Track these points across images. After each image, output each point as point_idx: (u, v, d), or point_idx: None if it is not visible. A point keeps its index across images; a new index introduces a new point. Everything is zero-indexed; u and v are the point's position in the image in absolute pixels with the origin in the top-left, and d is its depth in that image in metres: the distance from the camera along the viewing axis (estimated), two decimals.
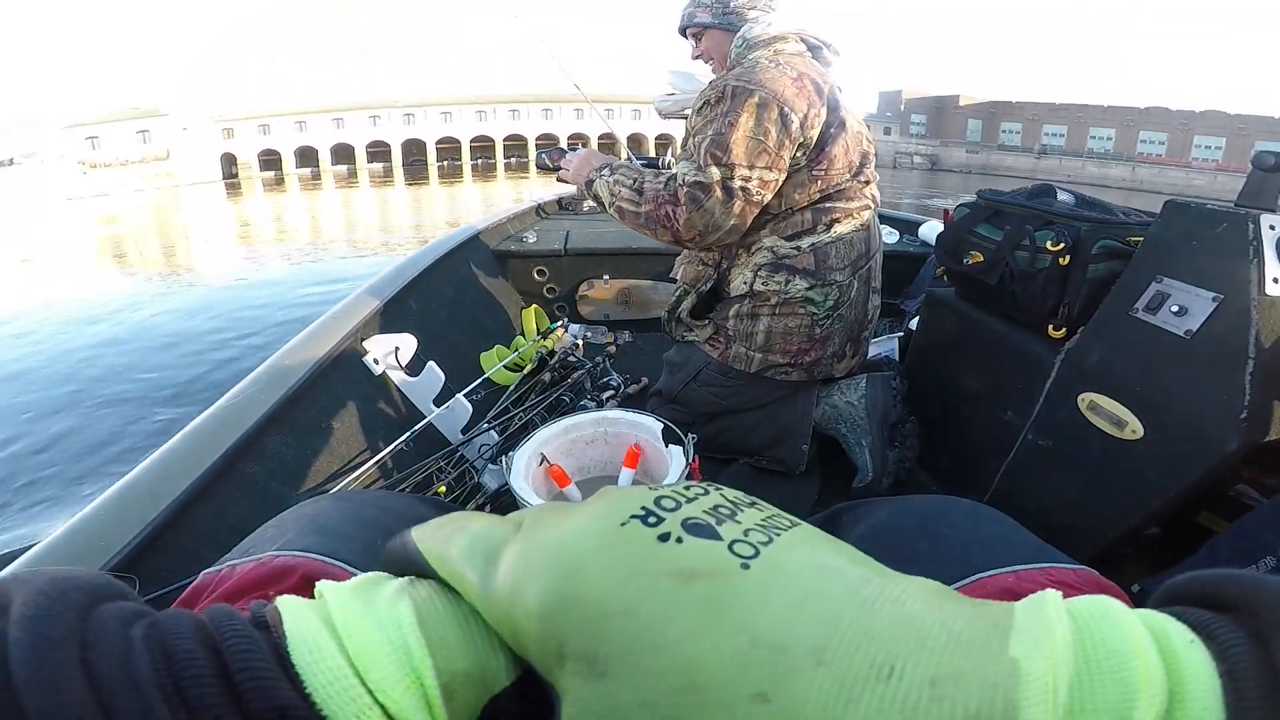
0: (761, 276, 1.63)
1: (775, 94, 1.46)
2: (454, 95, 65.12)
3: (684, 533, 0.22)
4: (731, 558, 0.21)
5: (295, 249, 15.12)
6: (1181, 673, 0.18)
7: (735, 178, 1.48)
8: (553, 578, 0.22)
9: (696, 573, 0.20)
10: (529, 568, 0.23)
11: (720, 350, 1.72)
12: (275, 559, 0.54)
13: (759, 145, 1.47)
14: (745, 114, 1.46)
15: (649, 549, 0.21)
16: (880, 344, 2.32)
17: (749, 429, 1.78)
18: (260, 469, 1.39)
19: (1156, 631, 0.19)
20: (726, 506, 0.24)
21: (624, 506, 0.24)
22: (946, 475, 1.77)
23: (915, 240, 3.24)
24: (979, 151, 55.58)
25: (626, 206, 1.63)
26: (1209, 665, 0.18)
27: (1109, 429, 1.20)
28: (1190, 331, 1.10)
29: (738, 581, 0.20)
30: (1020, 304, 1.48)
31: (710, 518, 0.23)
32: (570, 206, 4.21)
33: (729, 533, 0.22)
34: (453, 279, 2.69)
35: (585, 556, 0.22)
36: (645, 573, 0.21)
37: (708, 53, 1.76)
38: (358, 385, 1.80)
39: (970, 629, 0.19)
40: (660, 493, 0.24)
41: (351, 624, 0.24)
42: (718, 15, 1.67)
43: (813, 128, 1.51)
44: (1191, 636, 0.19)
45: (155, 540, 1.11)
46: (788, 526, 0.24)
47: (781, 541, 0.22)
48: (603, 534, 0.22)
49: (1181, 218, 1.18)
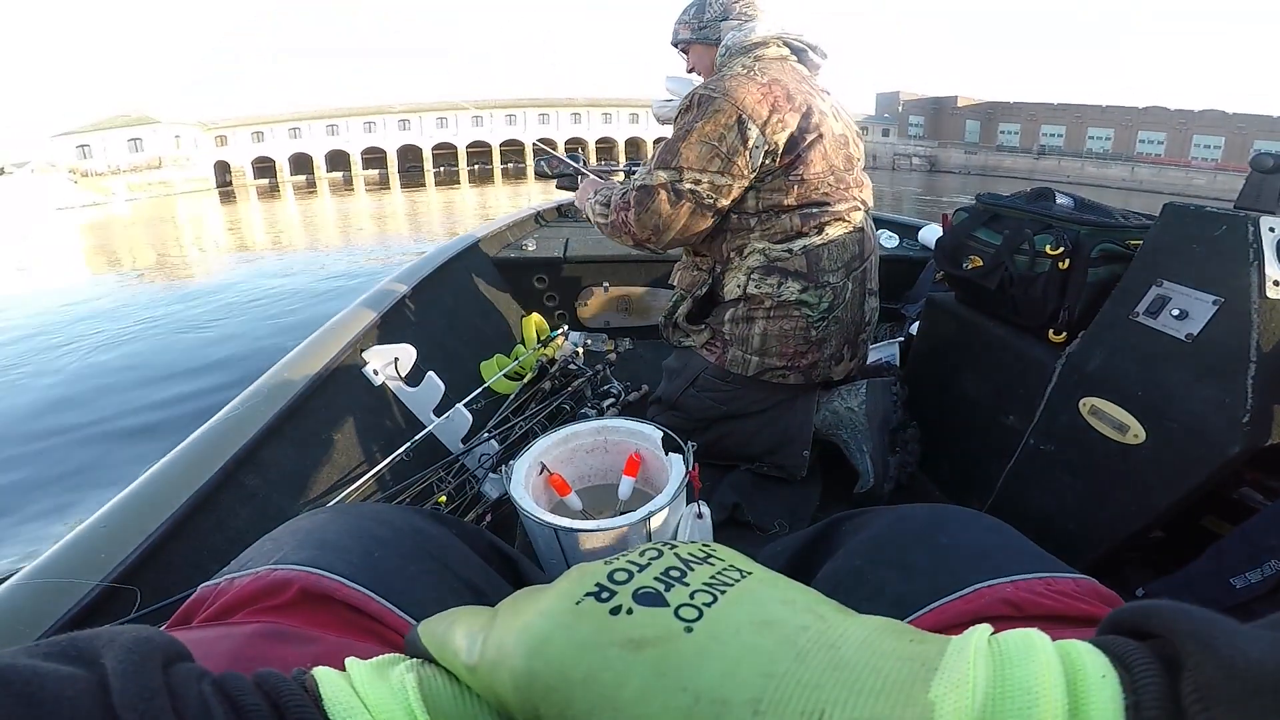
0: (755, 280, 1.65)
1: (736, 101, 1.50)
2: (450, 100, 65.23)
3: (634, 603, 0.25)
4: (676, 622, 0.24)
5: (295, 258, 14.94)
6: (1086, 708, 0.19)
7: (684, 180, 1.54)
8: (521, 656, 0.25)
9: (644, 641, 0.23)
10: (502, 648, 0.26)
11: (717, 354, 1.73)
12: (273, 573, 0.54)
13: (712, 150, 1.52)
14: (703, 121, 1.51)
15: (602, 623, 0.25)
16: (881, 349, 2.32)
17: (749, 435, 1.79)
18: (260, 480, 1.39)
19: (1073, 666, 0.20)
20: (678, 568, 0.27)
21: (581, 586, 0.27)
22: (948, 480, 1.76)
23: (915, 244, 3.24)
24: (977, 152, 55.50)
25: (599, 220, 1.77)
26: (1116, 699, 0.19)
27: (1111, 433, 1.20)
28: (1191, 335, 1.09)
29: (681, 645, 0.23)
30: (1020, 308, 1.47)
31: (660, 584, 0.26)
32: (570, 214, 4.21)
33: (676, 598, 0.25)
34: (452, 288, 2.70)
35: (548, 634, 0.25)
36: (599, 645, 0.24)
37: (694, 66, 1.84)
38: (358, 396, 1.80)
39: (899, 670, 0.21)
40: (616, 565, 0.28)
41: (372, 691, 0.29)
42: (695, 31, 1.75)
43: (776, 134, 1.53)
44: (1105, 671, 0.20)
45: (157, 552, 1.12)
46: (735, 581, 0.26)
47: (726, 599, 0.25)
48: (561, 613, 0.26)
49: (1181, 220, 1.18)
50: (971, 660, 0.21)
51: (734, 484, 1.79)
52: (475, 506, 1.70)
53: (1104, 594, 0.52)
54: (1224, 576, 1.03)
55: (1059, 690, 0.20)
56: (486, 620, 0.30)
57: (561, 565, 1.06)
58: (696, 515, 1.18)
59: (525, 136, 62.47)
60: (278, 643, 0.46)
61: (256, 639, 0.46)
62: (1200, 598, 1.04)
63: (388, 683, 0.30)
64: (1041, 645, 0.22)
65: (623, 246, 1.69)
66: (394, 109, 60.93)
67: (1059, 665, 0.21)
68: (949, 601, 0.52)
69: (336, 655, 0.46)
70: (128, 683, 0.24)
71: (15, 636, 0.92)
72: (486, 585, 0.66)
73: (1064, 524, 1.31)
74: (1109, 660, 0.21)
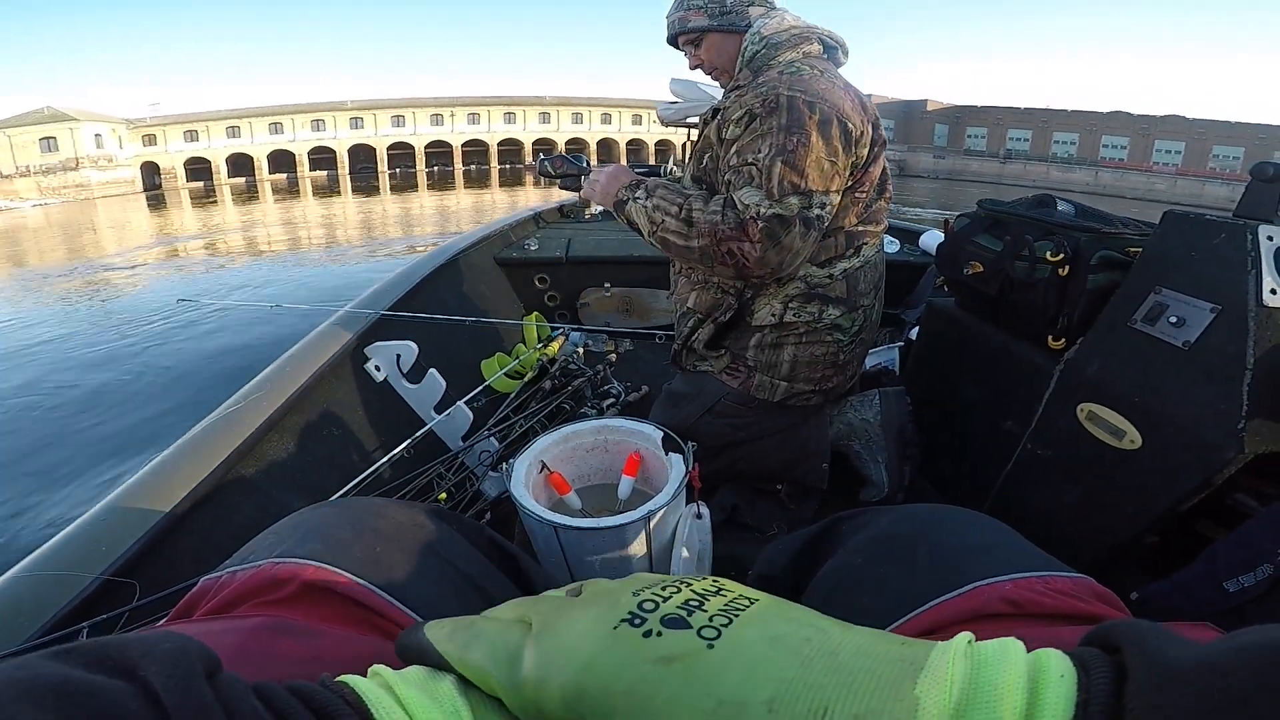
0: (793, 308, 1.49)
1: (836, 108, 1.32)
2: (409, 97, 61.37)
3: (663, 627, 0.29)
4: (699, 641, 0.28)
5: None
6: (1041, 704, 0.23)
7: (813, 206, 1.32)
8: (570, 673, 0.29)
9: (673, 657, 0.28)
10: (550, 666, 0.30)
11: (741, 379, 1.57)
12: (275, 566, 0.55)
13: (832, 168, 1.32)
14: (813, 132, 1.29)
15: (638, 645, 0.29)
16: (880, 354, 2.33)
17: (764, 455, 1.66)
18: (262, 474, 1.40)
19: (1039, 668, 0.24)
20: (695, 599, 0.32)
21: (615, 614, 0.31)
22: (946, 483, 1.77)
23: (915, 250, 3.26)
24: (945, 157, 55.57)
25: (673, 240, 1.42)
26: (1070, 695, 0.23)
27: (1108, 439, 1.21)
28: (1188, 343, 1.10)
29: (704, 659, 0.27)
30: (1020, 314, 1.48)
31: (683, 611, 0.30)
32: (572, 214, 4.23)
33: (697, 621, 0.30)
34: (454, 286, 2.71)
35: (593, 655, 0.29)
36: (636, 662, 0.28)
37: (710, 61, 1.54)
38: (360, 392, 1.81)
39: (889, 671, 0.26)
40: (643, 596, 0.32)
41: (423, 713, 0.31)
42: (715, 17, 1.48)
43: (862, 147, 1.38)
44: (1065, 672, 0.24)
45: (157, 545, 1.12)
46: (746, 606, 0.31)
47: (739, 621, 0.29)
48: (603, 637, 0.30)
49: (1180, 228, 1.19)
50: (951, 661, 0.25)
51: (734, 485, 1.76)
52: (475, 504, 1.70)
53: (1101, 592, 0.53)
54: (1217, 580, 1.03)
55: (1021, 687, 0.23)
56: (515, 637, 0.34)
57: (560, 563, 1.06)
58: (696, 515, 1.18)
59: (489, 138, 59.41)
60: (281, 636, 0.46)
61: (261, 632, 0.46)
62: (1194, 600, 1.05)
63: (438, 704, 0.32)
64: (1014, 650, 0.25)
65: (624, 246, 1.63)
66: (345, 106, 56.90)
67: (1025, 667, 0.24)
68: (949, 599, 0.53)
69: (340, 649, 0.47)
70: (183, 700, 0.25)
71: (15, 629, 0.93)
72: (487, 581, 0.67)
73: (1060, 527, 1.32)
74: (1073, 665, 0.24)
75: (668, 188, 1.47)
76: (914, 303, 2.91)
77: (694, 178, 1.54)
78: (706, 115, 1.53)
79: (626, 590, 0.34)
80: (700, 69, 1.58)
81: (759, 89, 1.35)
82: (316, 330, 1.89)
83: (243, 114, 54.08)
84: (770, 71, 1.40)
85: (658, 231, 1.44)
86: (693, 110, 5.98)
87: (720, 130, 1.43)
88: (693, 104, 6.12)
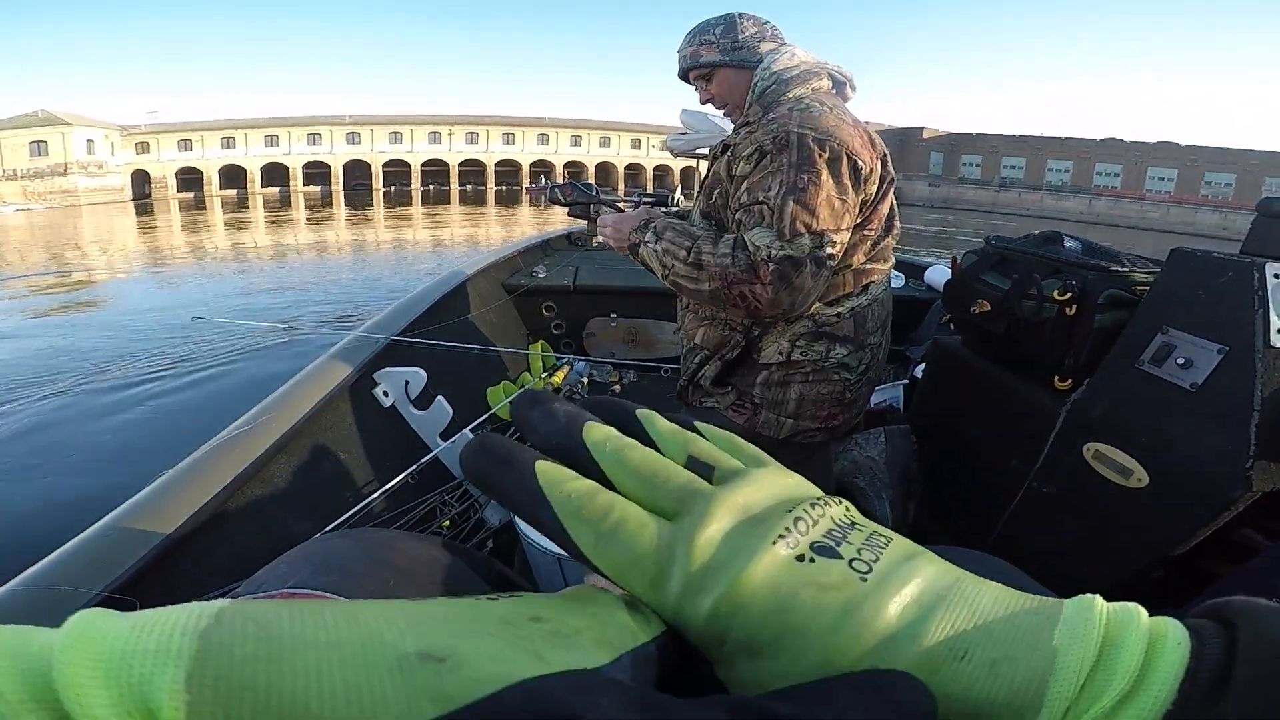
0: (800, 346, 1.48)
1: (846, 145, 1.31)
2: (406, 114, 60.92)
3: (814, 554, 0.29)
4: (852, 573, 0.28)
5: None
6: (1156, 667, 0.24)
7: (824, 245, 1.30)
8: (721, 587, 0.28)
9: (829, 585, 0.28)
10: (705, 578, 0.29)
11: (746, 417, 1.56)
12: (291, 596, 0.54)
13: (843, 205, 1.31)
14: (823, 171, 1.29)
15: (791, 567, 0.28)
16: (885, 391, 2.33)
17: None
18: (266, 497, 1.39)
19: (1158, 634, 0.25)
20: (838, 530, 0.31)
21: (767, 529, 0.30)
22: (950, 520, 1.76)
23: (921, 285, 3.26)
24: (940, 185, 55.62)
25: (684, 283, 1.42)
26: (1182, 661, 0.24)
27: (1115, 477, 1.21)
28: (1196, 384, 1.10)
29: (858, 590, 0.28)
30: (1027, 354, 1.48)
31: (830, 540, 0.30)
32: (580, 242, 4.26)
33: (846, 553, 0.29)
34: (463, 313, 2.72)
35: (749, 572, 0.28)
36: (792, 585, 0.28)
37: (720, 96, 1.55)
38: (367, 417, 1.81)
39: (1026, 621, 0.27)
40: (795, 514, 0.31)
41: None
42: (727, 52, 1.48)
43: (871, 184, 1.37)
44: (1181, 640, 0.25)
45: (160, 563, 1.12)
46: (885, 544, 0.31)
47: (884, 559, 0.30)
48: (762, 552, 0.29)
49: (1187, 266, 1.19)
50: (1094, 618, 0.26)
51: None
52: (478, 532, 1.70)
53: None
54: None
55: (1140, 648, 0.24)
56: (662, 535, 0.31)
57: None
58: None
59: (487, 157, 58.81)
60: None
61: None
62: None
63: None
64: (1139, 616, 0.26)
65: (631, 277, 1.60)
66: (343, 120, 56.34)
67: (1147, 631, 0.25)
68: None
69: None
70: None
71: None
72: None
73: (1065, 564, 1.31)
74: (1189, 634, 0.25)
75: (675, 228, 1.46)
76: (919, 339, 2.92)
77: (703, 213, 1.53)
78: (716, 150, 1.53)
79: (777, 507, 0.32)
80: (711, 103, 1.58)
81: (769, 125, 1.35)
82: (327, 354, 1.90)
83: (238, 125, 53.52)
84: (780, 108, 1.39)
85: (670, 275, 1.44)
86: (703, 142, 5.98)
87: (730, 166, 1.43)
88: (703, 135, 6.11)
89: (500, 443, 0.33)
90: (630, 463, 0.33)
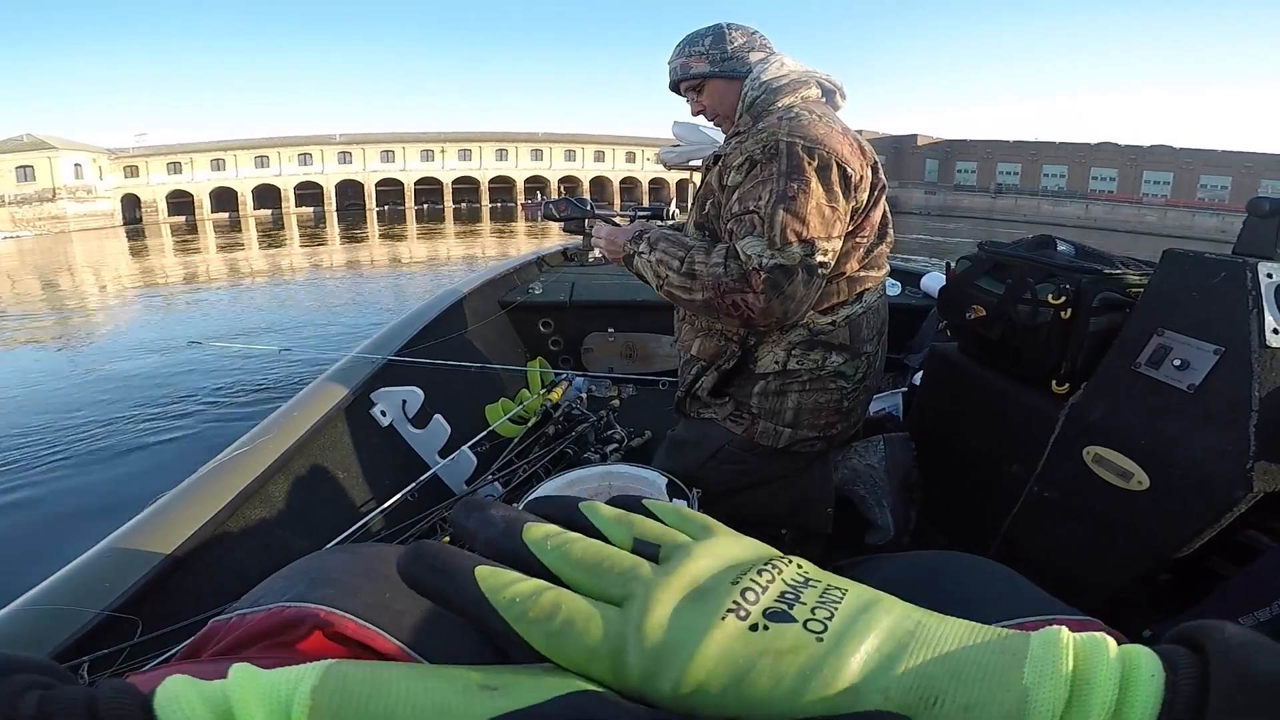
0: (796, 355, 1.48)
1: (835, 152, 1.31)
2: (398, 132, 59.42)
3: (767, 621, 0.29)
4: (807, 634, 0.28)
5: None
6: (1130, 704, 0.24)
7: (816, 253, 1.31)
8: (676, 670, 0.28)
9: (784, 650, 0.28)
10: (659, 662, 0.29)
11: (744, 427, 1.55)
12: (285, 610, 0.54)
13: (833, 213, 1.32)
14: (813, 179, 1.30)
15: (745, 638, 0.28)
16: (884, 399, 2.32)
17: (768, 500, 1.64)
18: (266, 517, 1.39)
19: (1132, 665, 0.25)
20: (791, 591, 0.31)
21: (716, 604, 0.30)
22: (951, 527, 1.75)
23: (917, 293, 3.27)
24: (936, 192, 55.32)
25: (678, 293, 1.43)
26: (1158, 694, 0.24)
27: (1115, 480, 1.20)
28: (1193, 386, 1.10)
29: (815, 651, 0.27)
30: (1023, 359, 1.48)
31: (783, 604, 0.30)
32: (575, 258, 4.26)
33: (800, 614, 0.29)
34: (460, 331, 2.72)
35: (703, 649, 0.28)
36: (749, 655, 0.28)
37: (711, 106, 1.55)
38: (365, 436, 1.81)
39: (993, 660, 0.26)
40: (742, 585, 0.31)
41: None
42: (716, 63, 1.49)
43: (861, 191, 1.37)
44: (1155, 672, 0.24)
45: (161, 582, 1.12)
46: (841, 596, 0.31)
47: (840, 615, 0.29)
48: (711, 629, 0.29)
49: (1180, 267, 1.19)
50: (1062, 655, 0.25)
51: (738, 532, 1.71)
52: None
53: (1109, 634, 0.54)
54: (1231, 616, 1.02)
55: (1112, 684, 0.24)
56: (610, 626, 0.30)
57: None
58: None
59: (480, 174, 57.81)
60: None
61: None
62: None
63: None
64: (1109, 648, 0.26)
65: (627, 291, 1.61)
66: (334, 140, 54.98)
67: (1119, 664, 0.25)
68: None
69: None
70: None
71: None
72: None
73: (1068, 569, 1.31)
74: (1162, 665, 0.25)
75: (669, 239, 1.47)
76: (917, 346, 2.91)
77: (697, 224, 1.54)
78: (708, 161, 1.54)
79: (723, 578, 0.32)
80: (703, 115, 1.59)
81: (759, 135, 1.36)
82: (324, 375, 1.91)
83: (228, 146, 52.37)
84: (770, 117, 1.40)
85: (664, 286, 1.45)
86: (695, 154, 5.97)
87: (722, 176, 1.43)
88: (695, 147, 6.11)
89: (437, 551, 0.31)
90: (573, 556, 0.32)
